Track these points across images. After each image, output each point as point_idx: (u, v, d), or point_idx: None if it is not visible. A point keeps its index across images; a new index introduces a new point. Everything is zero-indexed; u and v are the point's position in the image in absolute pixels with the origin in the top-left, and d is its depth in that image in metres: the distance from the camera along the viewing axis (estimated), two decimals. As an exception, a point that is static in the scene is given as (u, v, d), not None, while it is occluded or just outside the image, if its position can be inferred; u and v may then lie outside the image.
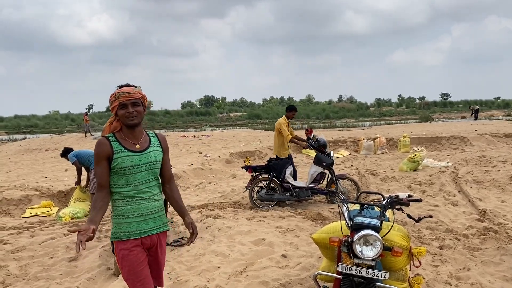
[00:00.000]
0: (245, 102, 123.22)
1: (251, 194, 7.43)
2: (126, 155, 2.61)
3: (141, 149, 2.67)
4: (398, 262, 3.19)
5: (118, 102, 2.60)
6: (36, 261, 5.01)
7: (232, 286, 4.09)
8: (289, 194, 7.38)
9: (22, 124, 59.19)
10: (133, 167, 2.62)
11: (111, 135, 2.67)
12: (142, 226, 2.66)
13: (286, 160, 7.65)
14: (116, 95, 2.62)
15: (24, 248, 5.45)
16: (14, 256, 5.16)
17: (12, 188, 8.75)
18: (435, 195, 7.72)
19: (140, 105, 2.67)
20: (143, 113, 2.69)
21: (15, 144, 22.62)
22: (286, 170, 7.41)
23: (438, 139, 16.19)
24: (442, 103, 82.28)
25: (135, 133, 2.69)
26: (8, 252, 5.30)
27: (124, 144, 2.65)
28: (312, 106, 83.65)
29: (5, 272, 4.65)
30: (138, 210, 2.65)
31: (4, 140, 33.91)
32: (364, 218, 3.03)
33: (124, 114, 2.61)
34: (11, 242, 5.71)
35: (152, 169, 2.70)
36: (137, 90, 2.68)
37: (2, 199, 7.84)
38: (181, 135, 24.50)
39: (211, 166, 11.86)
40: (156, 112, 75.68)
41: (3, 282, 4.39)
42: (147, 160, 2.67)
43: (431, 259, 4.64)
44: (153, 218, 2.71)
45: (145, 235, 2.67)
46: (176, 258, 4.94)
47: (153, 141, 2.77)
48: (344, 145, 16.17)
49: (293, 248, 5.11)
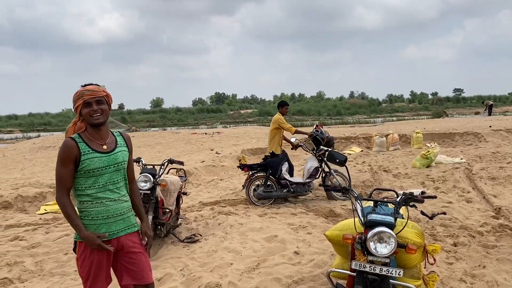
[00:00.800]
0: (256, 99, 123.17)
1: (249, 192, 7.45)
2: (94, 156, 2.58)
3: (108, 150, 2.65)
4: (412, 259, 3.17)
5: (82, 101, 2.57)
6: (51, 257, 5.08)
7: (245, 282, 4.10)
8: (287, 190, 7.41)
9: (36, 122, 59.87)
10: (101, 169, 2.59)
11: (76, 136, 2.62)
12: (112, 228, 2.65)
13: (281, 157, 7.69)
14: (80, 94, 2.59)
15: (39, 245, 5.52)
16: (29, 252, 5.23)
17: (27, 185, 8.86)
18: (448, 192, 7.64)
19: (105, 103, 2.64)
20: (108, 112, 2.67)
21: (29, 142, 22.90)
22: (282, 167, 7.48)
23: (451, 135, 16.01)
24: (455, 98, 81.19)
25: (102, 133, 2.66)
26: (24, 248, 5.38)
27: (91, 145, 2.61)
28: (323, 103, 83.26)
29: (21, 268, 4.72)
30: (107, 212, 2.63)
31: (18, 138, 34.39)
32: (378, 215, 3.01)
33: (89, 113, 2.58)
34: (26, 238, 5.79)
35: (120, 170, 2.70)
36: (101, 88, 2.66)
37: (17, 196, 7.95)
38: (193, 132, 24.59)
39: (223, 163, 11.89)
40: (167, 110, 76.07)
41: (19, 278, 4.45)
42: (115, 161, 2.65)
43: (445, 257, 4.59)
44: (122, 219, 2.70)
45: (113, 236, 2.66)
46: (189, 255, 4.96)
47: (119, 141, 2.75)
48: (356, 142, 16.07)
49: (306, 245, 5.10)
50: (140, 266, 2.75)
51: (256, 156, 13.52)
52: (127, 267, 2.73)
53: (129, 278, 2.74)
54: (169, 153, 14.38)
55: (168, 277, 4.31)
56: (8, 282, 4.34)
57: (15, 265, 4.81)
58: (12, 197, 7.86)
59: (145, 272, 2.77)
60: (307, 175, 7.53)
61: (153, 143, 19.08)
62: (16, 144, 23.51)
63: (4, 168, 12.69)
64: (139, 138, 21.48)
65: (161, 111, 75.16)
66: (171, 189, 5.63)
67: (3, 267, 4.74)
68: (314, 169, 7.52)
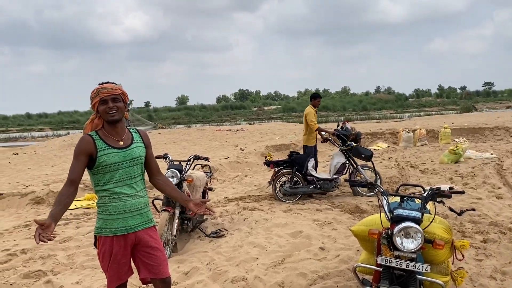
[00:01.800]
0: (279, 95, 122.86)
1: (275, 188, 7.44)
2: (110, 152, 2.66)
3: (124, 146, 2.72)
4: (440, 255, 3.12)
5: (99, 98, 2.66)
6: (82, 251, 5.23)
7: (271, 277, 4.13)
8: (313, 187, 7.34)
9: (65, 120, 61.52)
10: (117, 164, 2.67)
11: (94, 133, 2.71)
12: (128, 223, 2.71)
13: (307, 153, 7.63)
14: (97, 91, 2.68)
15: (70, 239, 5.70)
16: (61, 246, 5.40)
17: (58, 182, 9.13)
18: (478, 188, 7.47)
19: (121, 101, 2.71)
20: (124, 109, 2.74)
21: (59, 139, 23.54)
22: (308, 163, 7.39)
23: (481, 130, 15.60)
24: (485, 92, 79.11)
25: (118, 130, 2.74)
26: (56, 242, 5.55)
27: (108, 141, 2.69)
28: (349, 98, 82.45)
29: (54, 261, 4.89)
30: (124, 207, 2.70)
31: (49, 135, 35.36)
32: (404, 210, 2.98)
33: (105, 110, 2.66)
34: (58, 232, 5.97)
35: (137, 165, 2.76)
36: (118, 86, 2.73)
37: (49, 192, 8.20)
38: (217, 129, 24.75)
39: (247, 159, 11.94)
40: (192, 107, 76.77)
41: (52, 270, 4.61)
42: (131, 156, 2.72)
43: (474, 253, 4.51)
44: (140, 214, 2.77)
45: (130, 231, 2.72)
46: (215, 249, 5.02)
47: (135, 137, 2.82)
48: (382, 137, 15.86)
49: (331, 241, 5.09)
50: (157, 261, 2.83)
51: (280, 153, 13.51)
52: (145, 261, 2.81)
53: (146, 272, 2.82)
54: (194, 150, 14.53)
55: (195, 270, 4.39)
56: (42, 274, 4.50)
57: (48, 258, 4.98)
58: (44, 192, 8.12)
59: (162, 266, 2.85)
60: (334, 171, 7.43)
61: (178, 140, 19.31)
62: (47, 142, 24.18)
63: (36, 165, 13.10)
64: (165, 135, 21.78)
65: (186, 108, 75.98)
66: (197, 185, 5.71)
67: (37, 260, 4.92)
68: (341, 165, 7.43)
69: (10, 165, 13.32)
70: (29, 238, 5.73)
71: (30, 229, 6.23)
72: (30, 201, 7.90)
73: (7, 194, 8.02)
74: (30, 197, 7.97)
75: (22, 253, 5.15)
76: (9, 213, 7.50)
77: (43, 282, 4.25)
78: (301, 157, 7.47)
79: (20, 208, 7.75)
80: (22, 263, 4.86)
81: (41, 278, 4.39)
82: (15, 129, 51.27)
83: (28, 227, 6.39)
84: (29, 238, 5.74)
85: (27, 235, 5.94)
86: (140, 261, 2.83)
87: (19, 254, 5.11)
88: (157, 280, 2.85)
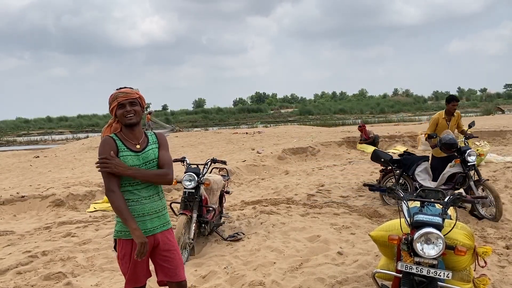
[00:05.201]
0: (296, 98, 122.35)
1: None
2: (128, 154, 2.71)
3: (140, 149, 2.76)
4: (461, 262, 3.07)
5: (117, 102, 2.71)
6: (101, 253, 5.29)
7: (288, 282, 4.11)
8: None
9: (84, 123, 62.41)
10: (135, 167, 2.69)
11: (113, 135, 2.77)
12: (147, 225, 2.73)
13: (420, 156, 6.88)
14: (115, 96, 2.74)
15: (90, 241, 5.76)
16: (81, 248, 5.47)
17: (78, 184, 9.26)
18: (500, 192, 7.28)
19: (138, 105, 2.77)
20: (141, 113, 2.79)
21: (79, 143, 23.89)
22: (417, 167, 6.64)
23: (502, 133, 15.30)
24: (506, 94, 77.40)
25: (135, 133, 2.78)
26: (75, 244, 5.63)
27: (126, 144, 2.74)
28: (366, 100, 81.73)
29: (74, 263, 4.95)
30: (143, 210, 2.73)
31: (69, 138, 35.95)
32: (425, 215, 2.94)
33: (123, 113, 2.71)
34: (78, 235, 6.06)
35: (153, 167, 2.78)
36: (135, 90, 2.79)
37: (69, 194, 8.33)
38: (234, 132, 24.82)
39: (264, 163, 11.92)
40: (209, 110, 77.13)
41: (72, 272, 4.67)
42: (146, 158, 2.75)
43: (497, 259, 4.41)
44: (158, 217, 2.79)
45: (149, 234, 2.74)
46: (233, 253, 5.02)
47: (150, 139, 2.85)
48: (400, 140, 15.66)
49: (349, 246, 5.04)
50: (174, 264, 2.85)
51: (297, 156, 13.46)
52: (161, 264, 2.84)
53: (162, 275, 2.86)
54: (211, 153, 14.59)
55: (212, 274, 4.39)
56: (62, 276, 4.56)
57: (68, 260, 5.05)
58: (64, 195, 8.25)
59: (178, 269, 2.87)
60: (442, 181, 6.41)
61: (196, 143, 19.42)
62: (67, 145, 24.58)
63: (56, 168, 13.32)
64: (182, 138, 21.92)
65: (203, 111, 76.34)
66: (214, 188, 5.73)
67: (57, 262, 4.99)
68: (450, 175, 6.33)
69: (31, 168, 13.58)
70: (50, 240, 5.83)
71: (51, 231, 6.33)
72: (50, 204, 8.04)
73: (29, 196, 8.17)
74: (50, 200, 8.11)
75: (43, 255, 5.23)
76: (30, 215, 7.64)
77: (63, 284, 4.31)
78: (410, 158, 6.82)
79: (41, 210, 7.89)
80: (43, 265, 4.93)
81: (61, 280, 4.45)
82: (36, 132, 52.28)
83: (48, 229, 6.50)
84: (49, 240, 5.83)
85: (48, 237, 6.03)
86: (157, 264, 2.87)
87: (40, 256, 5.19)
88: (173, 283, 2.87)
